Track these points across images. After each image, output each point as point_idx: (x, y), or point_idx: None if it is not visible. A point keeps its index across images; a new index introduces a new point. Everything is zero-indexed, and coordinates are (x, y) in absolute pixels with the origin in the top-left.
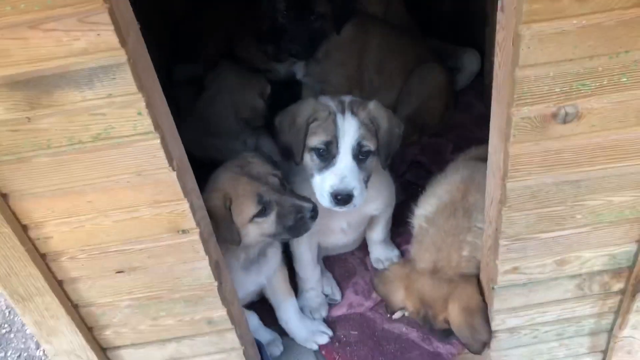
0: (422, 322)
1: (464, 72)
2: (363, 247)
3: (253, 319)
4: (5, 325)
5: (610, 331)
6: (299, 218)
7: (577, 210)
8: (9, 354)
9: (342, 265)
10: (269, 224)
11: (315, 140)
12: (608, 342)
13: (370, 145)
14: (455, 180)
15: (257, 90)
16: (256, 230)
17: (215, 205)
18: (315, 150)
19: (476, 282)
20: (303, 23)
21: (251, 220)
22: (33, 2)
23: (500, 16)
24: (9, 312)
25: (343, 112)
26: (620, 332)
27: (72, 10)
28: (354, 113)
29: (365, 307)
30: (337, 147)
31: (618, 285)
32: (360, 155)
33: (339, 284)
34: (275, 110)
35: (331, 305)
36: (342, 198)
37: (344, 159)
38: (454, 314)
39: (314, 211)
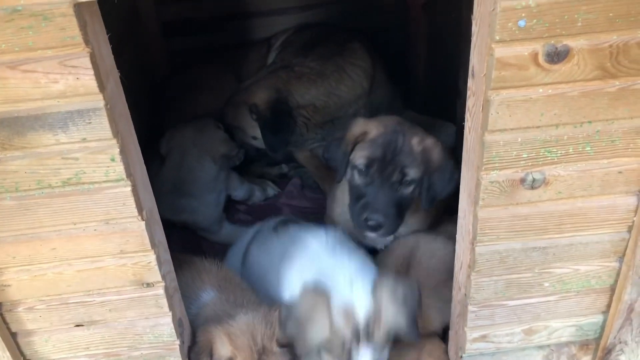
0: None
1: None
2: None
3: None
4: None
5: None
6: None
7: (545, 278)
8: None
9: None
10: None
11: None
12: None
13: None
14: (398, 256)
15: (213, 125)
16: None
17: (221, 355)
18: None
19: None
20: (390, 189)
21: None
22: (14, 43)
23: (470, 82)
24: None
25: (358, 341)
26: None
27: (53, 53)
28: (369, 339)
29: None
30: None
31: (586, 358)
32: None
33: None
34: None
35: None
36: None
37: None
38: None
39: None
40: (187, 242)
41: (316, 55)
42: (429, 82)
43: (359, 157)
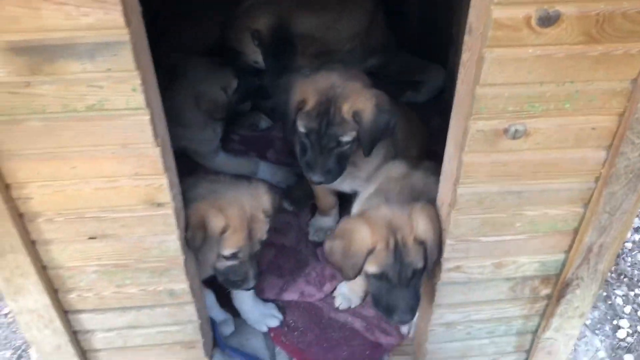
0: (393, 257)
1: (427, 86)
2: None
3: (210, 297)
4: None
5: (534, 332)
6: (239, 282)
7: (517, 219)
8: None
9: (295, 256)
10: (221, 265)
11: None
12: (532, 343)
13: None
14: (393, 169)
15: (221, 83)
16: (214, 259)
17: (215, 225)
18: None
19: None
20: (329, 152)
21: (218, 255)
22: None
23: (467, 38)
24: None
25: None
26: (543, 334)
27: None
28: None
29: (315, 298)
30: None
31: (545, 291)
32: None
33: (292, 273)
34: (247, 99)
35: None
36: None
37: None
38: (422, 223)
39: (250, 289)
40: (184, 167)
41: None
42: (422, 24)
43: (300, 126)
